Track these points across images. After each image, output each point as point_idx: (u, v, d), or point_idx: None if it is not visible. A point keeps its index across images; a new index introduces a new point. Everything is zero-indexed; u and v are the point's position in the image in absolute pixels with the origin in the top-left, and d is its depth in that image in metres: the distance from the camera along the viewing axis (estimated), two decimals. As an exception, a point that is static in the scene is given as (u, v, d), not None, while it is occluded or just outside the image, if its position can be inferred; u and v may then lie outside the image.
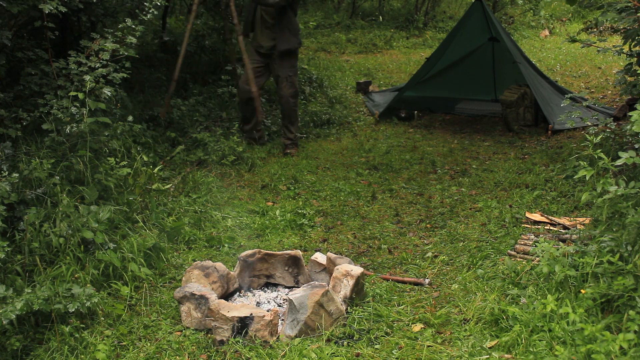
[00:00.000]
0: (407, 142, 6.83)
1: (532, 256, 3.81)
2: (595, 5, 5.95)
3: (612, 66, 9.63)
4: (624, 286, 2.82)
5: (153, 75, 7.14)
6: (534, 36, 12.77)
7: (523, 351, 2.85)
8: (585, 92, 8.08)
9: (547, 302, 2.91)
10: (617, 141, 4.64)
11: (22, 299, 3.03)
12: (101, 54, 4.29)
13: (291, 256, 3.81)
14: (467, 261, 4.01)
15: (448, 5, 14.67)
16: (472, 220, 4.70)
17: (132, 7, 5.53)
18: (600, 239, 3.16)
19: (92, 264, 3.62)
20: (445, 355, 2.98)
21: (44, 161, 3.84)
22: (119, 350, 3.17)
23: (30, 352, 3.10)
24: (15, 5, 4.05)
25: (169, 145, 6.09)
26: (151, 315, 3.48)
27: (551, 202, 4.84)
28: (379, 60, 11.13)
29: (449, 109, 8.02)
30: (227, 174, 5.79)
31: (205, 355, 3.10)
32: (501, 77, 7.91)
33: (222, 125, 6.65)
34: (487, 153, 6.35)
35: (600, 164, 3.20)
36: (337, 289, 3.41)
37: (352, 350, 3.08)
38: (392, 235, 4.59)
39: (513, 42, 7.89)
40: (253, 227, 4.72)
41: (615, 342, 2.53)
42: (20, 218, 3.66)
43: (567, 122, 6.05)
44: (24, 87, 4.37)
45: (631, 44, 4.97)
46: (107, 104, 4.39)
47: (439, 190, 5.41)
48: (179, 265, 4.07)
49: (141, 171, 4.60)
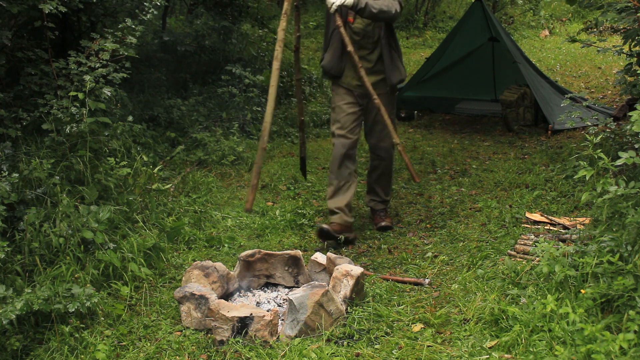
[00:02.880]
0: (407, 142, 6.83)
1: (532, 256, 3.80)
2: (595, 5, 5.95)
3: (612, 66, 9.63)
4: (624, 286, 2.82)
5: (153, 75, 7.13)
6: (534, 36, 12.77)
7: (523, 351, 2.85)
8: (585, 92, 8.08)
9: (547, 302, 2.91)
10: (617, 141, 4.64)
11: (22, 299, 3.03)
12: (101, 54, 4.29)
13: (291, 256, 3.81)
14: (467, 261, 4.01)
15: (448, 5, 14.66)
16: (472, 220, 4.70)
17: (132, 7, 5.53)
18: (600, 239, 3.16)
19: (92, 264, 3.62)
20: (445, 355, 2.98)
21: (44, 161, 3.84)
22: (119, 350, 3.17)
23: (30, 352, 3.10)
24: (15, 5, 4.05)
25: (169, 145, 6.09)
26: (151, 315, 3.48)
27: (551, 202, 4.84)
28: (379, 60, 11.12)
29: (449, 109, 8.02)
30: (227, 174, 5.80)
31: (205, 355, 3.10)
32: (501, 77, 7.91)
33: (222, 125, 6.65)
34: (487, 153, 6.35)
35: (600, 164, 3.20)
36: (337, 289, 3.41)
37: (352, 350, 3.08)
38: (392, 235, 4.59)
39: (513, 42, 7.89)
40: (253, 227, 4.72)
41: (615, 342, 2.53)
42: (20, 218, 3.66)
43: (567, 122, 6.05)
44: (24, 87, 4.37)
45: (631, 44, 4.96)
46: (107, 104, 4.39)
47: (439, 190, 5.41)
48: (179, 265, 4.07)
49: (141, 171, 4.60)
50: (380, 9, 4.10)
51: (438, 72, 8.04)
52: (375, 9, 4.08)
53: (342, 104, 4.45)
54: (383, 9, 4.11)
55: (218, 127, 6.58)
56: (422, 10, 13.66)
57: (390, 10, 4.13)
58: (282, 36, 4.02)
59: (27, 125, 4.20)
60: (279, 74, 3.98)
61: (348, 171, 4.44)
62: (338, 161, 4.41)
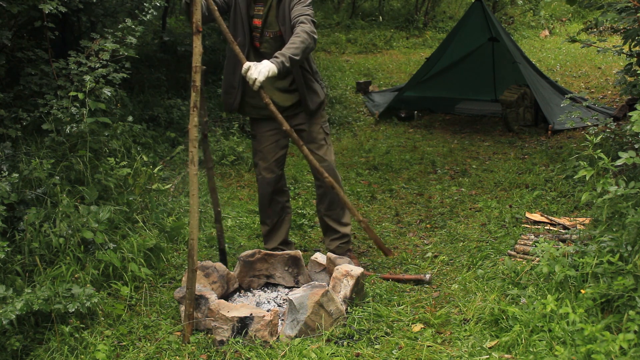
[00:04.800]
0: (407, 142, 6.83)
1: (532, 256, 3.80)
2: (595, 5, 5.95)
3: (612, 66, 9.63)
4: (624, 286, 2.82)
5: (153, 75, 7.14)
6: (534, 36, 12.78)
7: (523, 351, 2.85)
8: (585, 92, 8.09)
9: (547, 302, 2.91)
10: (617, 141, 4.64)
11: (22, 299, 3.03)
12: (101, 54, 4.29)
13: (291, 256, 3.81)
14: (467, 261, 4.01)
15: (448, 5, 14.67)
16: (472, 220, 4.70)
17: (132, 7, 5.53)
18: (600, 239, 3.16)
19: (92, 264, 3.62)
20: (445, 355, 2.98)
21: (44, 161, 3.84)
22: (119, 350, 3.16)
23: (30, 352, 3.10)
24: (15, 5, 4.05)
25: (169, 145, 6.09)
26: (151, 315, 3.48)
27: (551, 202, 4.84)
28: (379, 61, 11.14)
29: (449, 109, 8.02)
30: (227, 174, 5.80)
31: (205, 355, 3.10)
32: (501, 77, 7.91)
33: (222, 125, 6.65)
34: (487, 153, 6.35)
35: (600, 164, 3.20)
36: (337, 289, 3.41)
37: (352, 350, 3.08)
38: (392, 235, 4.59)
39: (513, 42, 7.90)
40: (253, 227, 4.72)
41: (615, 342, 2.53)
42: (20, 218, 3.66)
43: (567, 122, 6.05)
44: (24, 87, 4.37)
45: (631, 44, 4.96)
46: (107, 104, 4.38)
47: (439, 190, 5.41)
48: (179, 265, 4.07)
49: (141, 171, 4.59)
50: (302, 51, 3.41)
51: (438, 72, 8.05)
52: (298, 55, 3.39)
53: (264, 131, 3.89)
54: (303, 47, 3.41)
55: (218, 127, 6.58)
56: (422, 10, 13.67)
57: (309, 43, 3.44)
58: (194, 134, 3.22)
59: (27, 125, 4.20)
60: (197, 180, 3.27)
61: (280, 206, 4.07)
62: (267, 199, 4.02)
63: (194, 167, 3.20)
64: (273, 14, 3.67)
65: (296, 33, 3.47)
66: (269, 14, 3.67)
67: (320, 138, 3.89)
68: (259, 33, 3.72)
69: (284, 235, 4.13)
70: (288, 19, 3.61)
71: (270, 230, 4.10)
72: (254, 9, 3.70)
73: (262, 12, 3.68)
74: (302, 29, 3.46)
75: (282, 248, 4.08)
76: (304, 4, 3.60)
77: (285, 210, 4.10)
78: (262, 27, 3.71)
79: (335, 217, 4.02)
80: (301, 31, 3.45)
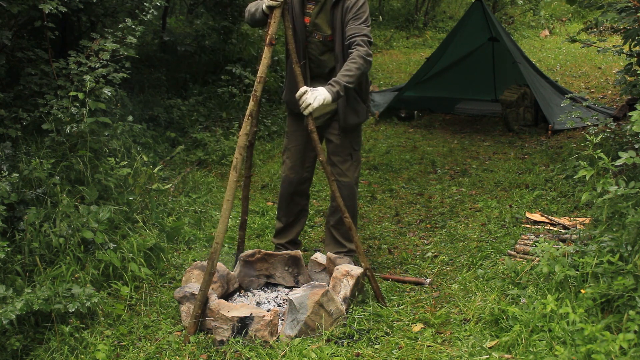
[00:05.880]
0: (407, 142, 6.83)
1: (532, 256, 3.80)
2: (595, 5, 5.95)
3: (612, 66, 9.63)
4: (624, 286, 2.82)
5: (153, 75, 7.13)
6: (534, 36, 12.78)
7: (523, 351, 2.85)
8: (585, 92, 8.09)
9: (547, 302, 2.91)
10: (617, 141, 4.64)
11: (22, 299, 3.03)
12: (101, 54, 4.29)
13: (291, 256, 3.81)
14: (467, 261, 4.01)
15: (448, 5, 14.67)
16: (472, 220, 4.70)
17: (132, 7, 5.52)
18: (600, 239, 3.16)
19: (92, 264, 3.62)
20: (445, 355, 2.98)
21: (44, 161, 3.84)
22: (119, 350, 3.16)
23: (30, 352, 3.10)
24: (15, 5, 4.05)
25: (169, 145, 6.09)
26: (151, 315, 3.48)
27: (551, 202, 4.84)
28: (379, 60, 11.13)
29: (449, 109, 8.02)
30: (227, 174, 5.79)
31: (205, 355, 3.10)
32: (501, 77, 7.91)
33: (222, 125, 6.65)
34: (487, 153, 6.35)
35: (600, 164, 3.20)
36: (337, 289, 3.41)
37: (352, 350, 3.08)
38: (392, 235, 4.59)
39: (513, 42, 7.90)
40: (253, 227, 4.72)
41: (615, 342, 2.53)
42: (20, 218, 3.66)
43: (567, 122, 6.05)
44: (24, 87, 4.36)
45: (631, 44, 4.96)
46: (107, 104, 4.38)
47: (439, 190, 5.41)
48: (179, 265, 4.07)
49: (141, 171, 4.59)
50: (357, 78, 3.41)
51: (438, 72, 8.05)
52: (353, 83, 3.40)
53: (297, 129, 3.86)
54: (358, 74, 3.40)
55: (218, 127, 6.58)
56: (422, 10, 13.67)
57: (365, 68, 3.44)
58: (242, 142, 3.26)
59: (27, 125, 4.20)
60: (235, 186, 3.27)
61: (299, 208, 4.05)
62: (286, 199, 3.99)
63: (234, 173, 3.22)
64: (324, 18, 3.62)
65: (352, 58, 3.41)
66: (320, 15, 3.63)
67: (346, 152, 3.82)
68: (308, 33, 3.69)
69: (295, 235, 4.11)
70: (339, 26, 3.56)
71: (283, 227, 4.09)
72: (306, 7, 3.67)
73: (311, 11, 3.65)
74: (358, 54, 3.40)
75: (288, 247, 4.07)
76: (359, 20, 3.50)
77: (302, 213, 4.08)
78: (310, 26, 3.67)
79: (344, 232, 3.91)
80: (357, 56, 3.40)
